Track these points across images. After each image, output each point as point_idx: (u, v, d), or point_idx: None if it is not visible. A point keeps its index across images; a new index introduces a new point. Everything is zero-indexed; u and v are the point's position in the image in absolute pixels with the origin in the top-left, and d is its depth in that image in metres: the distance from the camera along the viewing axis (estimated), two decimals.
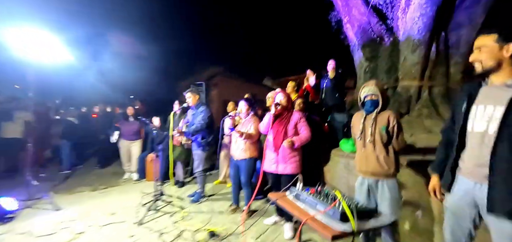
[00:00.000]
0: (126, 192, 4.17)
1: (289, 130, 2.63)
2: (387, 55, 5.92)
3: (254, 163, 3.00)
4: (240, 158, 2.96)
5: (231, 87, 9.27)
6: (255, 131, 2.90)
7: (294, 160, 2.63)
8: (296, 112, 2.76)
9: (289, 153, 2.60)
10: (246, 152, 2.94)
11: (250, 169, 2.95)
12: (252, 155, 2.98)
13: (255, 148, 3.01)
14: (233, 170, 3.09)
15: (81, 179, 5.07)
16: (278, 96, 2.72)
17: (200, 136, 3.39)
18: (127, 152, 4.90)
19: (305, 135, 2.62)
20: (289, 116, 2.67)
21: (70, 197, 3.93)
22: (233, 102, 4.24)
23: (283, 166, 2.61)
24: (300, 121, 2.67)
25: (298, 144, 2.56)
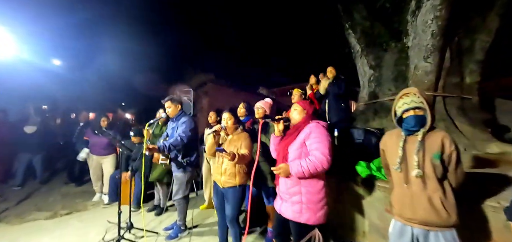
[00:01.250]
0: (90, 221, 3.40)
1: (292, 150, 1.77)
2: (393, 63, 5.44)
3: (243, 192, 2.29)
4: (226, 186, 2.25)
5: (223, 96, 8.64)
6: (247, 149, 2.19)
7: (298, 200, 1.72)
8: (311, 124, 1.82)
9: (290, 186, 1.76)
10: (235, 177, 2.22)
11: (238, 200, 2.23)
12: (242, 181, 2.24)
13: (246, 170, 2.29)
14: (218, 200, 2.37)
15: (42, 199, 4.27)
16: (293, 107, 1.99)
17: (180, 154, 2.69)
18: (97, 169, 4.12)
19: (312, 159, 1.65)
20: (297, 133, 1.82)
21: (18, 228, 3.14)
22: (214, 112, 3.52)
23: (285, 205, 1.80)
24: (311, 135, 1.73)
25: (297, 171, 1.66)
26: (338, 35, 9.88)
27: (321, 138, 1.71)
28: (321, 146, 1.68)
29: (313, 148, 1.70)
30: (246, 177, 2.28)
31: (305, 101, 2.00)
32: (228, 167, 2.22)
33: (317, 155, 1.66)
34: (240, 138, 2.28)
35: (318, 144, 1.69)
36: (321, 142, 1.70)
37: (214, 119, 3.38)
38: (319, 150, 1.67)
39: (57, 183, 5.26)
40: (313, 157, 1.67)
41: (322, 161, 1.64)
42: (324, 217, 1.74)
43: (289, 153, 1.80)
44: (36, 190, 4.77)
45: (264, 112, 2.71)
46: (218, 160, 2.31)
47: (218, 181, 2.32)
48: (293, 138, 1.82)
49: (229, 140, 2.33)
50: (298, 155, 1.75)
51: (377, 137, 2.52)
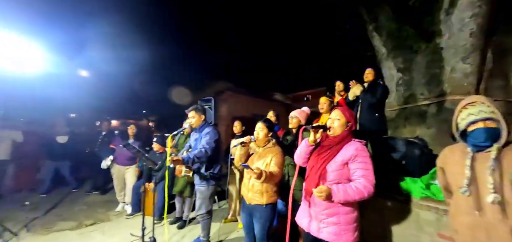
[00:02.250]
0: (113, 233, 3.37)
1: (331, 170, 1.60)
2: (424, 66, 5.05)
3: (273, 210, 2.09)
4: (254, 203, 2.06)
5: (241, 103, 8.57)
6: (278, 167, 1.97)
7: (336, 221, 1.58)
8: (355, 144, 1.63)
9: (326, 207, 1.60)
10: (262, 195, 2.03)
11: (268, 220, 2.03)
12: (270, 200, 2.04)
13: (276, 189, 2.09)
14: (246, 217, 2.17)
15: (67, 209, 4.34)
16: (333, 113, 1.75)
17: (203, 166, 2.58)
18: (120, 179, 4.14)
19: (359, 187, 1.52)
20: (336, 149, 1.64)
21: (43, 240, 3.17)
22: (239, 122, 3.38)
23: (317, 225, 1.64)
24: (356, 158, 1.57)
25: (340, 199, 1.51)
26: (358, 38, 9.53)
27: (367, 164, 1.58)
28: (368, 174, 1.56)
29: (359, 174, 1.56)
30: (275, 196, 2.08)
31: (350, 112, 1.75)
32: (255, 183, 2.03)
33: (364, 184, 1.53)
34: (271, 152, 2.08)
35: (365, 171, 1.56)
36: (368, 169, 1.57)
37: (240, 129, 3.25)
38: (366, 178, 1.54)
39: (82, 191, 5.38)
40: (360, 185, 1.53)
41: (369, 190, 1.52)
42: (359, 236, 1.64)
43: (328, 173, 1.61)
44: (62, 198, 4.89)
45: (298, 123, 2.53)
46: (247, 175, 2.15)
47: (245, 196, 2.15)
48: (332, 154, 1.63)
49: (258, 153, 2.15)
50: (338, 177, 1.59)
51: (421, 149, 2.25)
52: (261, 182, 1.80)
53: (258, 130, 2.18)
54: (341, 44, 11.80)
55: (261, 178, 1.78)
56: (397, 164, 2.30)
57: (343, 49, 12.19)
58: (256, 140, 2.17)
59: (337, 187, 1.54)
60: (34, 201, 4.69)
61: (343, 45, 11.68)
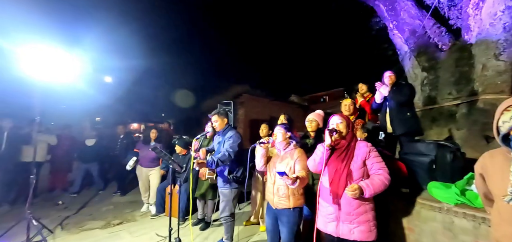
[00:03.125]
0: (139, 233, 3.51)
1: (355, 169, 1.75)
2: (452, 64, 4.81)
3: (300, 214, 2.09)
4: (280, 207, 2.07)
5: (257, 106, 8.59)
6: (305, 170, 2.00)
7: (366, 218, 1.72)
8: (362, 142, 1.86)
9: (356, 206, 1.71)
10: (289, 199, 2.04)
11: (294, 225, 2.03)
12: (296, 204, 2.05)
13: (301, 192, 2.10)
14: (270, 220, 2.18)
15: (95, 208, 4.58)
16: (333, 119, 1.89)
17: (226, 169, 2.62)
18: (145, 181, 4.31)
19: (381, 178, 1.69)
20: (351, 149, 1.80)
21: (77, 237, 3.36)
22: (266, 125, 3.41)
23: (347, 227, 1.71)
24: (370, 154, 1.79)
25: (371, 192, 1.65)
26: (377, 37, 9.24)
27: (380, 157, 1.80)
28: (383, 165, 1.77)
29: (377, 167, 1.76)
30: (301, 199, 2.09)
31: (346, 116, 1.96)
32: (281, 187, 2.05)
33: (385, 175, 1.73)
34: (293, 155, 2.09)
35: (381, 164, 1.77)
36: (382, 160, 1.79)
37: (266, 132, 3.28)
38: (384, 169, 1.75)
39: (108, 192, 5.65)
40: (381, 176, 1.72)
41: (389, 179, 1.72)
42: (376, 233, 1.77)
43: (353, 172, 1.75)
44: (91, 198, 5.17)
45: (317, 126, 2.52)
46: (270, 178, 2.16)
47: (270, 201, 2.16)
48: (351, 156, 1.79)
49: (280, 156, 2.17)
50: (361, 174, 1.77)
51: (453, 153, 2.14)
52: (292, 184, 1.81)
53: (276, 132, 2.21)
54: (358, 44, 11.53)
55: (296, 184, 1.81)
56: (427, 168, 2.20)
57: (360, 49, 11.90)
58: (275, 142, 2.19)
59: (365, 182, 1.69)
60: (65, 200, 4.99)
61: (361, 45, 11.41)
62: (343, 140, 1.83)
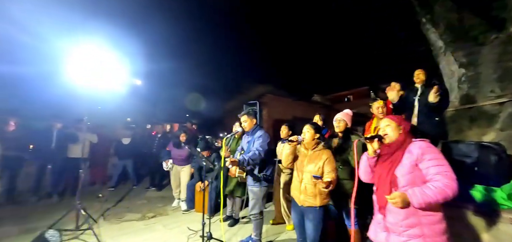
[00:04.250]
0: (172, 226, 3.73)
1: (401, 174, 1.52)
2: (495, 59, 4.45)
3: (325, 213, 2.12)
4: (306, 205, 2.11)
5: (280, 106, 8.62)
6: (334, 173, 2.03)
7: (420, 232, 1.44)
8: (417, 143, 1.55)
9: (404, 217, 1.47)
10: (316, 198, 2.08)
11: (320, 222, 2.07)
12: (323, 202, 2.09)
13: (327, 192, 2.07)
14: (297, 217, 2.23)
15: (131, 202, 4.95)
16: (383, 122, 1.71)
17: (256, 167, 2.70)
18: (176, 177, 4.57)
19: (437, 185, 1.38)
20: (399, 153, 1.57)
21: (116, 228, 3.66)
22: (286, 126, 3.43)
23: (398, 239, 1.51)
24: (424, 157, 1.47)
25: (419, 202, 1.39)
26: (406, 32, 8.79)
27: (440, 159, 1.45)
28: (444, 169, 1.41)
29: (433, 172, 1.43)
30: (327, 198, 2.12)
31: (396, 116, 1.73)
32: (308, 186, 2.10)
33: (443, 180, 1.39)
34: (322, 155, 2.12)
35: (439, 167, 1.42)
36: (443, 164, 1.43)
37: (287, 134, 3.31)
38: (443, 174, 1.40)
39: (141, 187, 6.05)
40: (438, 183, 1.39)
41: (452, 187, 1.37)
42: None
43: (399, 179, 1.53)
44: (126, 193, 5.57)
45: (345, 126, 2.50)
46: (298, 177, 2.20)
47: (297, 198, 2.20)
48: (397, 159, 1.56)
49: (308, 155, 2.20)
50: (411, 181, 1.49)
51: (498, 155, 2.01)
52: (325, 187, 1.84)
53: (304, 132, 2.23)
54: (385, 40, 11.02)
55: (330, 187, 1.83)
56: (469, 170, 2.09)
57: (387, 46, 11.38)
58: (303, 142, 2.21)
59: (413, 190, 1.43)
60: (104, 193, 5.44)
61: (388, 41, 10.90)
62: (392, 144, 1.62)
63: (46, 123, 5.25)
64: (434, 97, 2.56)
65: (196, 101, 14.28)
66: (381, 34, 10.74)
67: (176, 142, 4.48)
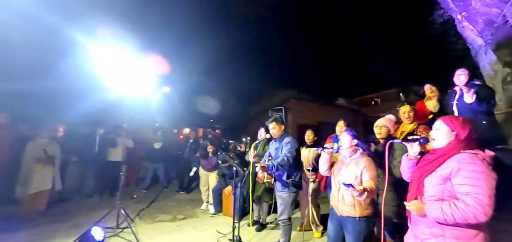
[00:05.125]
0: (201, 228, 3.88)
1: (430, 185, 1.44)
2: None
3: (367, 225, 2.02)
4: (345, 215, 2.04)
5: (305, 111, 8.54)
6: (374, 181, 1.93)
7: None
8: (464, 155, 1.38)
9: (430, 225, 1.44)
10: (355, 208, 1.99)
11: (361, 233, 1.98)
12: (365, 212, 1.99)
13: (369, 201, 2.02)
14: (334, 227, 2.17)
15: (162, 203, 5.22)
16: (436, 123, 1.56)
17: (285, 173, 2.73)
18: (205, 183, 4.79)
19: (461, 207, 1.28)
20: (438, 161, 1.45)
21: (151, 227, 3.90)
22: (312, 132, 3.41)
23: None
24: (459, 173, 1.34)
25: (434, 215, 1.36)
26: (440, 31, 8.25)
27: (475, 179, 1.28)
28: (476, 191, 1.27)
29: (463, 191, 1.31)
30: (369, 209, 2.03)
31: (455, 119, 1.51)
32: (346, 195, 2.04)
33: (469, 203, 1.27)
34: (361, 163, 2.05)
35: (471, 188, 1.28)
36: (478, 185, 1.27)
37: (312, 139, 3.30)
38: (472, 197, 1.27)
39: (171, 189, 6.35)
40: (462, 203, 1.29)
41: (475, 213, 1.24)
42: None
43: (426, 187, 1.47)
44: (158, 195, 5.88)
45: (388, 132, 2.41)
46: (335, 185, 2.17)
47: (335, 207, 2.15)
48: (432, 168, 1.46)
49: (346, 163, 2.14)
50: (439, 192, 1.41)
51: None
52: (359, 195, 1.77)
53: (342, 138, 2.19)
54: (417, 39, 10.43)
55: (363, 195, 1.76)
56: None
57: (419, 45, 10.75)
58: (340, 149, 2.18)
59: (430, 203, 1.39)
60: (138, 194, 5.80)
61: (420, 40, 10.30)
62: (437, 149, 1.51)
63: (90, 129, 5.78)
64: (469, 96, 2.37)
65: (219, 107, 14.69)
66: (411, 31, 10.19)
67: (204, 154, 4.67)
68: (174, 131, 11.48)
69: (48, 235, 3.50)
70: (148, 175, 6.21)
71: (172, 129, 12.03)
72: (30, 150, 4.03)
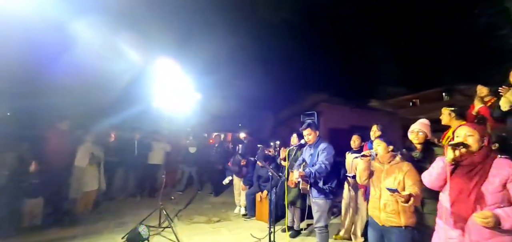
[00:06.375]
0: (236, 232, 3.98)
1: (490, 192, 1.44)
2: None
3: (413, 235, 1.92)
4: (388, 224, 1.95)
5: (336, 115, 8.26)
6: (418, 186, 1.84)
7: None
8: (504, 160, 1.49)
9: (489, 236, 1.43)
10: (399, 216, 1.91)
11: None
12: (409, 222, 1.90)
13: (413, 209, 1.93)
14: (376, 238, 2.08)
15: (198, 206, 5.45)
16: (460, 130, 1.60)
17: (321, 180, 2.69)
18: (238, 187, 4.92)
19: None
20: (485, 167, 1.48)
21: (188, 228, 4.11)
22: (359, 137, 3.30)
23: None
24: None
25: None
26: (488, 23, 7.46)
27: None
28: None
29: None
30: (414, 217, 1.93)
31: (481, 126, 1.63)
32: (388, 202, 1.95)
33: None
34: (401, 168, 1.97)
35: None
36: None
37: (358, 144, 3.21)
38: None
39: (204, 192, 6.61)
40: None
41: None
42: None
43: (486, 195, 1.45)
44: (193, 197, 6.16)
45: (425, 137, 2.28)
46: (375, 193, 2.10)
47: (376, 217, 2.07)
48: (483, 176, 1.47)
49: (385, 170, 2.07)
50: (499, 200, 1.43)
51: None
52: (404, 201, 1.70)
53: (375, 146, 2.14)
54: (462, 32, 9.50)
55: (410, 201, 1.69)
56: None
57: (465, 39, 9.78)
58: (377, 156, 2.11)
59: (504, 211, 1.38)
60: (175, 196, 6.14)
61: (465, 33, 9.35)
62: (475, 155, 1.52)
63: (129, 134, 6.29)
64: None
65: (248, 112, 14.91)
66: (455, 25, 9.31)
67: (237, 170, 4.84)
68: (204, 135, 11.90)
69: (99, 230, 3.89)
70: (184, 178, 6.54)
71: (202, 133, 12.48)
72: (80, 153, 4.53)
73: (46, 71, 4.06)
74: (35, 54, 3.74)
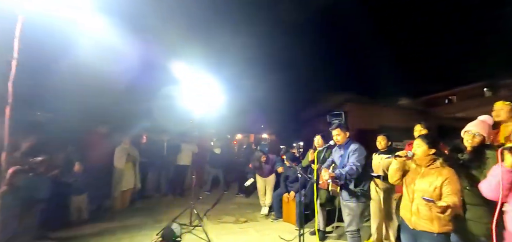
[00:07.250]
0: (264, 232, 4.01)
1: None
2: None
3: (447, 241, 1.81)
4: (420, 228, 1.85)
5: (363, 115, 7.92)
6: (457, 196, 1.70)
7: None
8: None
9: None
10: (433, 222, 1.79)
11: None
12: (445, 228, 1.78)
13: (449, 218, 1.77)
14: (408, 241, 2.00)
15: (225, 206, 5.58)
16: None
17: (352, 182, 2.62)
18: (262, 187, 4.97)
19: None
20: None
21: (217, 227, 4.23)
22: (384, 137, 3.15)
23: None
24: None
25: None
26: None
27: None
28: None
29: None
30: (449, 225, 1.79)
31: None
32: (421, 207, 1.84)
33: None
34: (440, 174, 1.83)
35: None
36: None
37: (385, 145, 3.08)
38: None
39: (231, 193, 6.75)
40: None
41: None
42: None
43: None
44: (219, 197, 6.32)
45: (481, 141, 2.08)
46: (408, 196, 2.00)
47: (408, 220, 1.97)
48: None
49: (421, 172, 1.96)
50: None
51: None
52: (440, 211, 1.59)
53: (415, 146, 2.00)
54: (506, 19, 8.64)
55: (446, 212, 1.58)
56: None
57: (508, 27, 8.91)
58: (414, 157, 2.00)
59: None
60: (203, 196, 6.35)
61: None
62: None
63: (159, 136, 6.63)
64: None
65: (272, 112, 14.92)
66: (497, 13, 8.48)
67: (257, 165, 4.89)
68: (228, 136, 12.10)
69: (137, 227, 4.15)
70: (210, 179, 6.74)
71: (226, 135, 12.73)
72: (118, 154, 4.88)
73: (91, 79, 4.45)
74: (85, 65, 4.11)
